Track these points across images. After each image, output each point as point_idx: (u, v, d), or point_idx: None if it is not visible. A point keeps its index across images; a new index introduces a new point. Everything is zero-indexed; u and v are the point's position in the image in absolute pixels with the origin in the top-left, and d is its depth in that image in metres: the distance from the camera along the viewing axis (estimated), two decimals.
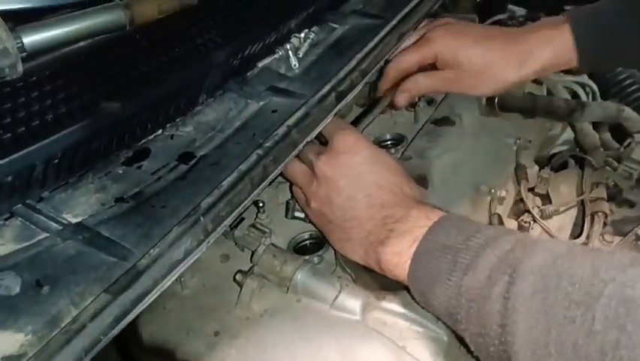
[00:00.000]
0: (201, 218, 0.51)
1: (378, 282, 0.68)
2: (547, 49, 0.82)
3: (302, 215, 0.77)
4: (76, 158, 0.55)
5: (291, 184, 0.75)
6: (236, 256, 0.72)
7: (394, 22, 0.78)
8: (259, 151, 0.57)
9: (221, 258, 0.72)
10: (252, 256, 0.68)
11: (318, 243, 0.75)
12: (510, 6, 1.21)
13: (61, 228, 0.52)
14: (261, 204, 0.75)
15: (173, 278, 0.49)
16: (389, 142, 0.89)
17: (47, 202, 0.55)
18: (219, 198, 0.52)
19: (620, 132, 1.02)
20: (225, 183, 0.54)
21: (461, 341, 0.62)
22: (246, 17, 0.71)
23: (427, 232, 0.60)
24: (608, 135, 1.02)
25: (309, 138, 0.62)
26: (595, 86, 1.05)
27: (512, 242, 0.54)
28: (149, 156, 0.61)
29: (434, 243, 0.58)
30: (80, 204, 0.55)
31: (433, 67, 0.88)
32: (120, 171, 0.59)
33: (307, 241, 0.76)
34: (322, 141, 0.74)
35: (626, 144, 0.96)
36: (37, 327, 0.44)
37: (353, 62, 0.69)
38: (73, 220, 0.53)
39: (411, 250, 0.59)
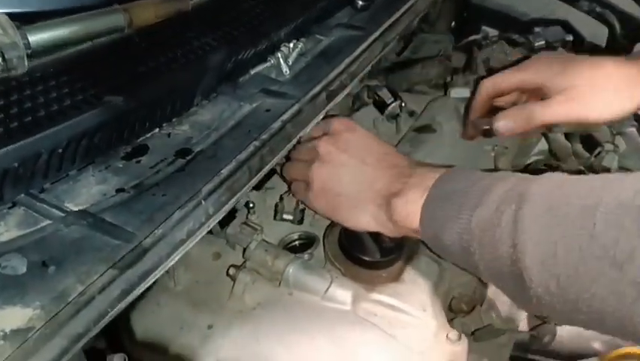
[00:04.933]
0: (202, 202, 0.53)
1: (367, 275, 0.70)
2: None
3: (290, 217, 0.80)
4: (79, 150, 0.57)
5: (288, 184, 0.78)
6: (228, 254, 0.74)
7: (377, 33, 0.82)
8: (256, 143, 0.60)
9: (213, 256, 0.74)
10: (244, 252, 0.70)
11: (307, 243, 0.78)
12: (483, 27, 1.28)
13: (64, 215, 0.54)
14: (251, 205, 0.78)
15: (177, 258, 0.51)
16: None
17: (49, 193, 0.56)
18: (219, 184, 0.55)
19: (589, 143, 1.08)
20: (225, 171, 0.56)
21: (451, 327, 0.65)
22: (239, 25, 0.75)
23: (436, 181, 0.63)
24: (579, 146, 1.07)
25: (302, 133, 0.65)
26: None
27: (517, 179, 0.58)
28: (147, 151, 0.63)
29: (443, 190, 0.62)
30: (82, 195, 0.57)
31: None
32: (120, 165, 0.61)
33: (296, 242, 0.78)
34: None
35: (596, 152, 1.01)
36: (45, 302, 0.45)
37: (342, 65, 0.73)
38: (76, 208, 0.55)
39: (422, 199, 0.63)
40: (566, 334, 0.79)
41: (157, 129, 0.66)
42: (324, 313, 0.65)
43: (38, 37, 0.58)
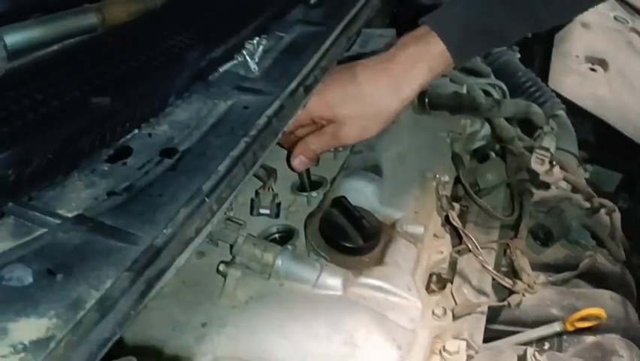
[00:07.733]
0: (206, 199, 0.53)
1: (351, 261, 0.73)
2: (422, 66, 0.81)
3: (267, 211, 0.81)
4: (66, 153, 0.56)
5: None
6: (211, 252, 0.74)
7: (340, 27, 0.84)
8: (246, 139, 0.60)
9: (196, 255, 0.74)
10: (231, 248, 0.70)
11: (286, 236, 0.79)
12: None
13: (59, 221, 0.52)
14: None
15: (187, 255, 0.51)
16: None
17: (38, 200, 0.54)
18: (219, 181, 0.55)
19: (527, 127, 1.16)
20: (222, 168, 0.57)
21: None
22: (206, 22, 0.75)
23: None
24: (518, 130, 1.15)
25: (286, 128, 0.66)
26: (504, 86, 1.18)
27: None
28: (131, 153, 0.62)
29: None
30: (72, 200, 0.55)
31: None
32: (106, 168, 0.60)
33: (276, 235, 0.80)
34: None
35: (536, 135, 1.09)
36: (60, 311, 0.44)
37: (313, 60, 0.74)
38: (70, 214, 0.53)
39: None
40: (529, 303, 0.85)
41: (137, 130, 0.65)
42: (317, 301, 0.67)
43: (14, 38, 0.57)
